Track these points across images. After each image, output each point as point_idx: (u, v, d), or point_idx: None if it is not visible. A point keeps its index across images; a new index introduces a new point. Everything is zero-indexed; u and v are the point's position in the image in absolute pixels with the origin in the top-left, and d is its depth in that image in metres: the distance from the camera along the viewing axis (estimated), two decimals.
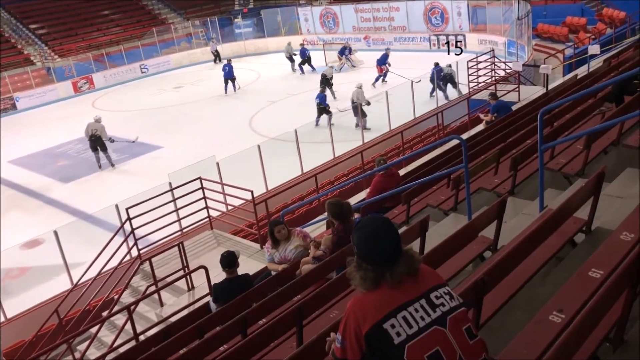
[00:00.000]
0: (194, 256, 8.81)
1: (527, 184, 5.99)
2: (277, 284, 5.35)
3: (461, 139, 5.55)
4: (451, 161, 7.85)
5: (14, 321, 8.94)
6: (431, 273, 2.17)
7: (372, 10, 29.18)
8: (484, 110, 12.61)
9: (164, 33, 32.91)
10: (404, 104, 15.79)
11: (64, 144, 19.70)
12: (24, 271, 11.05)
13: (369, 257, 2.10)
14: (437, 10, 26.79)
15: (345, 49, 25.07)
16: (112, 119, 21.36)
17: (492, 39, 23.75)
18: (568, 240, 3.74)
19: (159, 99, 24.71)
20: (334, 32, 30.42)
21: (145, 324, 7.52)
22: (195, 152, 15.17)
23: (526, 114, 9.39)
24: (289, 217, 9.92)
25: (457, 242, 4.06)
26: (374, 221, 2.14)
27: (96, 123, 16.57)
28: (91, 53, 29.91)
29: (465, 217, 5.47)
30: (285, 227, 6.01)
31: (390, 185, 7.39)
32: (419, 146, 13.14)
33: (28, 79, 27.86)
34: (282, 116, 18.98)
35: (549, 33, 23.11)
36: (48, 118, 24.10)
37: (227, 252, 5.86)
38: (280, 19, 33.14)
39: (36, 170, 17.40)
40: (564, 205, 3.70)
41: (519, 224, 4.65)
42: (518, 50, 21.00)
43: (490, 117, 11.38)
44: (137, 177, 15.07)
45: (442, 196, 6.70)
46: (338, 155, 13.60)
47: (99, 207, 11.74)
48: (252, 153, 12.41)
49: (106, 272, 8.77)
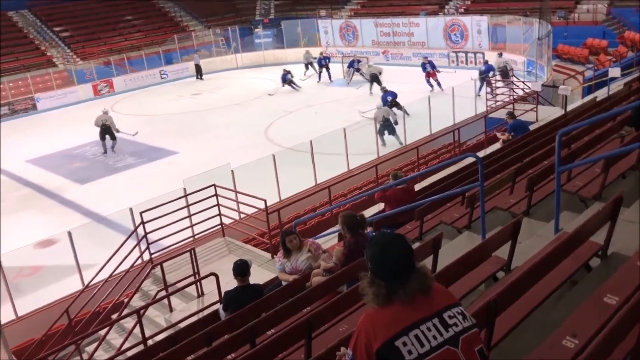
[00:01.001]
0: (204, 263, 8.83)
1: (543, 205, 5.94)
2: (287, 294, 5.34)
3: (477, 157, 5.53)
4: (466, 179, 7.82)
5: (25, 319, 9.01)
6: (444, 292, 2.16)
7: (391, 25, 29.27)
8: (500, 129, 12.55)
9: (185, 40, 33.26)
10: (421, 119, 15.79)
11: (81, 145, 19.90)
12: (36, 270, 11.13)
13: (382, 273, 2.09)
14: (457, 27, 26.81)
15: (354, 62, 25.20)
16: (130, 122, 21.57)
17: (511, 57, 23.67)
18: (583, 264, 3.70)
19: (177, 105, 24.92)
20: (353, 45, 30.53)
21: (154, 329, 7.54)
22: (210, 159, 15.25)
23: (544, 134, 9.34)
24: (301, 228, 9.90)
25: (470, 261, 4.04)
26: (388, 237, 2.14)
27: (105, 115, 18.47)
28: (112, 57, 30.28)
29: (479, 235, 5.44)
30: (297, 238, 6.01)
31: (404, 200, 7.37)
32: (434, 162, 13.10)
33: (49, 80, 28.26)
34: (297, 126, 19.03)
35: (569, 54, 23.01)
36: (67, 119, 24.39)
37: (241, 261, 5.87)
38: (300, 30, 33.35)
39: (52, 171, 17.59)
40: (580, 228, 3.66)
41: (533, 245, 4.61)
42: (537, 70, 20.93)
43: (507, 136, 11.32)
44: (152, 182, 15.15)
45: (456, 214, 6.67)
46: (352, 168, 13.60)
47: (113, 210, 11.83)
48: (267, 162, 12.46)
49: (117, 274, 8.82)
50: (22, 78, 27.79)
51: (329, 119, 17.61)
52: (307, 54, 27.42)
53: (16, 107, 26.52)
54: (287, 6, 37.97)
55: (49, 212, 14.45)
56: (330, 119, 17.51)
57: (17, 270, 10.60)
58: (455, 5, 30.36)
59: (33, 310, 9.23)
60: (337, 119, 17.98)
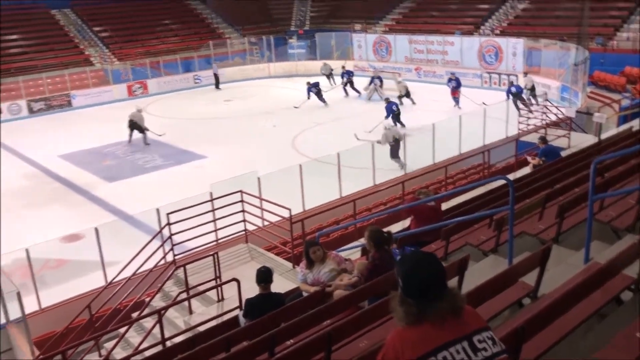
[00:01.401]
0: (226, 267, 8.86)
1: (572, 233, 5.84)
2: (308, 305, 5.32)
3: (509, 180, 5.47)
4: (495, 201, 7.72)
5: (48, 311, 9.16)
6: (475, 315, 2.14)
7: (426, 43, 29.24)
8: (532, 153, 12.39)
9: (220, 47, 33.69)
10: (450, 138, 15.69)
11: (113, 144, 20.25)
12: (61, 263, 11.31)
13: (413, 291, 2.08)
14: (492, 48, 26.66)
15: (374, 78, 25.26)
16: (161, 124, 21.91)
17: (545, 82, 23.45)
18: (614, 297, 3.62)
19: (208, 110, 25.22)
20: (386, 61, 30.57)
21: (172, 330, 7.58)
22: (237, 165, 15.37)
23: (576, 161, 9.20)
24: (323, 240, 9.90)
25: (496, 286, 3.98)
26: (422, 255, 2.13)
27: (137, 112, 20.06)
28: (148, 59, 30.82)
29: (506, 260, 5.36)
30: (321, 249, 6.00)
31: (431, 218, 7.31)
32: (462, 182, 13.00)
33: (86, 78, 28.88)
34: (326, 138, 19.09)
35: (605, 81, 22.65)
36: (100, 118, 24.86)
37: (265, 268, 5.88)
38: (334, 43, 33.55)
39: (83, 167, 17.92)
40: (613, 260, 3.59)
41: (561, 273, 4.53)
42: (572, 96, 20.66)
43: (538, 160, 11.18)
44: (179, 184, 15.32)
45: (482, 236, 6.58)
46: (378, 183, 13.56)
47: (139, 209, 11.98)
48: (293, 171, 12.50)
49: (140, 273, 8.90)
50: (59, 75, 28.45)
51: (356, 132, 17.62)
52: (325, 66, 28.31)
53: (52, 103, 27.14)
54: (323, 18, 38.27)
55: (77, 207, 14.70)
56: (359, 132, 17.50)
57: (43, 262, 10.79)
58: (491, 26, 30.24)
59: (56, 302, 9.38)
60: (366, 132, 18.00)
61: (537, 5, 29.80)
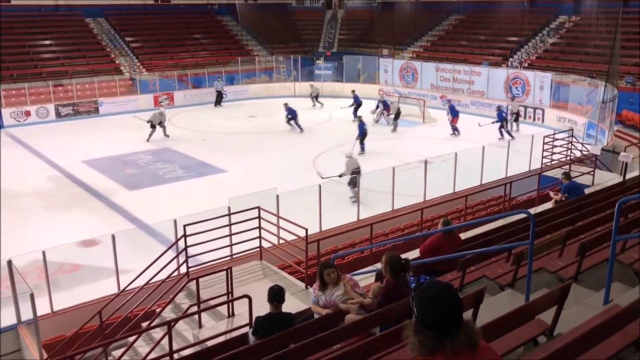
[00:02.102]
0: (239, 283, 8.83)
1: (592, 272, 5.71)
2: (319, 328, 5.27)
3: (530, 215, 5.38)
4: (514, 235, 7.60)
5: (59, 315, 9.18)
6: (490, 350, 2.09)
7: (453, 72, 29.27)
8: (554, 188, 12.23)
9: (248, 63, 34.11)
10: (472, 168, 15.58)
11: (136, 152, 20.50)
12: (76, 268, 11.38)
13: (429, 322, 2.03)
14: (520, 81, 26.57)
15: (380, 102, 25.38)
16: (185, 136, 22.14)
17: (572, 117, 23.24)
18: (633, 342, 3.51)
19: (231, 125, 25.43)
20: (412, 87, 30.63)
21: (181, 342, 7.54)
22: (256, 181, 15.42)
23: (599, 199, 9.05)
24: (338, 262, 9.80)
25: (512, 321, 3.91)
26: (441, 287, 2.08)
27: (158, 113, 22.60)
28: (176, 72, 31.30)
29: (522, 295, 5.25)
30: (335, 272, 5.94)
31: (447, 247, 7.23)
32: (481, 213, 12.85)
33: (114, 86, 29.41)
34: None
35: (633, 121, 22.38)
36: (125, 126, 25.19)
37: (278, 287, 5.84)
38: (360, 66, 33.74)
39: (105, 173, 18.14)
40: (634, 304, 3.49)
41: (579, 313, 4.42)
42: (598, 134, 20.42)
43: (560, 196, 11.02)
44: (198, 196, 15.40)
45: (500, 269, 6.47)
46: (397, 208, 13.47)
47: (157, 219, 12.04)
48: (312, 191, 12.49)
49: (153, 283, 8.91)
50: (89, 82, 29.01)
51: (379, 156, 17.63)
52: (312, 87, 29.32)
53: (79, 109, 27.63)
54: (351, 42, 38.58)
55: (95, 213, 14.84)
56: (380, 157, 17.49)
57: (58, 266, 10.86)
58: (519, 58, 30.17)
59: (68, 307, 9.40)
60: (388, 157, 17.99)
61: (567, 41, 29.72)
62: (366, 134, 20.26)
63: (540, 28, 31.24)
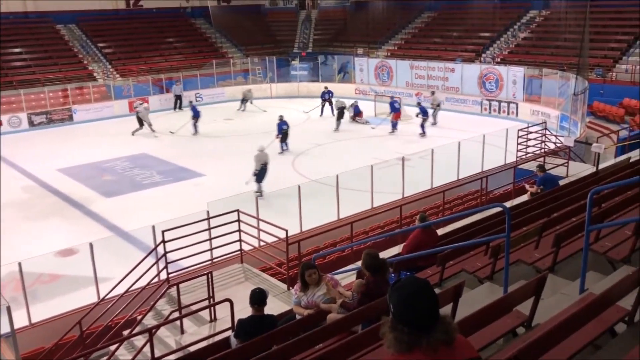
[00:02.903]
0: (220, 287, 8.80)
1: (568, 262, 5.81)
2: (301, 329, 5.27)
3: (506, 208, 5.45)
4: (491, 228, 7.70)
5: (38, 326, 9.05)
6: (467, 345, 2.11)
7: (427, 69, 29.49)
8: (530, 181, 12.40)
9: (223, 66, 33.95)
10: (449, 164, 15.72)
11: (112, 159, 20.27)
12: (54, 278, 11.23)
13: (405, 319, 2.05)
14: (493, 76, 26.87)
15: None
16: (162, 141, 21.95)
17: (545, 110, 23.59)
18: (608, 328, 3.58)
19: (209, 128, 25.24)
20: (387, 85, 30.79)
21: (163, 349, 7.50)
22: (235, 184, 15.34)
23: (573, 190, 9.19)
24: (319, 262, 9.84)
25: (491, 314, 3.95)
26: (415, 283, 2.10)
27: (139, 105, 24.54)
28: (151, 76, 31.02)
29: (501, 288, 5.32)
30: (316, 272, 5.94)
31: (427, 243, 7.29)
32: (459, 208, 12.98)
33: (88, 93, 29.02)
34: (325, 160, 19.13)
35: (604, 112, 22.81)
36: (101, 133, 24.90)
37: (259, 289, 5.83)
38: (336, 66, 33.84)
39: (81, 182, 17.90)
40: (608, 291, 3.57)
41: (556, 303, 4.50)
42: (571, 126, 20.76)
43: (536, 189, 11.17)
44: (176, 201, 15.29)
45: (478, 263, 6.55)
46: (376, 206, 13.54)
47: (135, 225, 11.93)
48: (292, 192, 12.49)
49: (133, 291, 8.84)
50: (62, 89, 28.60)
51: (356, 154, 17.69)
52: (248, 92, 28.87)
53: (53, 117, 27.21)
54: (326, 42, 38.64)
55: (73, 222, 14.65)
56: (358, 155, 17.56)
57: (36, 277, 10.71)
58: (492, 54, 30.51)
59: (47, 318, 9.27)
60: (366, 155, 18.07)
61: (537, 35, 30.15)
62: (286, 135, 20.41)
63: (512, 23, 31.65)
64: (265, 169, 15.79)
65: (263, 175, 15.72)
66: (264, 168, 15.79)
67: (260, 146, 16.37)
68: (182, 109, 29.54)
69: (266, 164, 15.85)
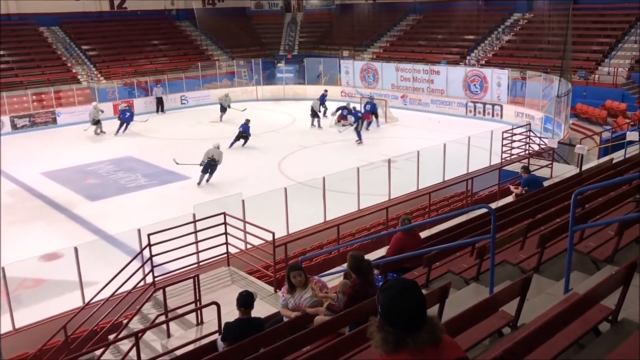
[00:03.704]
0: (207, 291, 8.76)
1: (553, 263, 5.87)
2: (288, 331, 5.28)
3: (491, 209, 5.50)
4: (477, 229, 7.76)
5: (22, 332, 8.95)
6: (453, 345, 2.13)
7: (412, 71, 29.63)
8: (514, 182, 12.51)
9: (208, 68, 33.83)
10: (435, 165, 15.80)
11: (96, 162, 20.10)
12: (38, 283, 11.12)
13: (392, 319, 2.06)
14: (477, 78, 27.08)
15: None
16: (147, 144, 21.82)
17: (529, 112, 23.82)
18: (592, 327, 3.63)
19: (194, 131, 25.18)
20: (373, 87, 30.87)
21: (150, 353, 7.44)
22: (221, 187, 15.31)
23: (557, 191, 9.29)
24: (306, 264, 9.85)
25: (477, 314, 3.98)
26: (405, 284, 2.11)
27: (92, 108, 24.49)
28: (136, 79, 30.82)
29: (487, 288, 5.36)
30: (303, 274, 5.96)
31: (410, 245, 7.33)
32: (445, 210, 13.05)
33: (72, 96, 28.74)
34: (311, 162, 19.14)
35: (587, 114, 23.07)
36: (85, 136, 24.67)
37: (246, 292, 5.82)
38: (322, 68, 33.87)
39: (65, 185, 17.72)
40: (591, 291, 3.61)
41: (541, 303, 4.55)
42: (554, 127, 20.98)
43: (520, 190, 11.28)
44: (162, 204, 15.20)
45: (464, 264, 6.60)
46: (362, 208, 13.57)
47: (121, 229, 11.84)
48: (278, 195, 12.47)
49: (119, 295, 8.76)
50: (45, 92, 28.30)
51: (343, 155, 17.72)
52: (226, 97, 27.49)
53: (37, 120, 26.92)
54: (311, 44, 38.70)
55: (57, 226, 14.50)
56: (344, 157, 17.58)
57: (19, 282, 10.59)
58: (476, 56, 30.75)
59: (31, 323, 9.17)
60: (352, 157, 18.10)
61: (521, 38, 30.45)
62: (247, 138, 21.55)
63: (496, 26, 31.94)
64: (213, 164, 17.06)
65: (208, 168, 17.03)
66: (211, 163, 17.02)
67: (215, 143, 17.76)
68: (165, 111, 29.50)
69: (215, 160, 17.10)
